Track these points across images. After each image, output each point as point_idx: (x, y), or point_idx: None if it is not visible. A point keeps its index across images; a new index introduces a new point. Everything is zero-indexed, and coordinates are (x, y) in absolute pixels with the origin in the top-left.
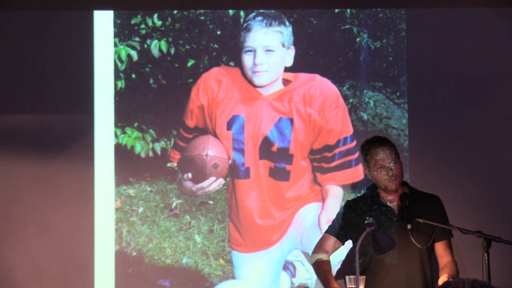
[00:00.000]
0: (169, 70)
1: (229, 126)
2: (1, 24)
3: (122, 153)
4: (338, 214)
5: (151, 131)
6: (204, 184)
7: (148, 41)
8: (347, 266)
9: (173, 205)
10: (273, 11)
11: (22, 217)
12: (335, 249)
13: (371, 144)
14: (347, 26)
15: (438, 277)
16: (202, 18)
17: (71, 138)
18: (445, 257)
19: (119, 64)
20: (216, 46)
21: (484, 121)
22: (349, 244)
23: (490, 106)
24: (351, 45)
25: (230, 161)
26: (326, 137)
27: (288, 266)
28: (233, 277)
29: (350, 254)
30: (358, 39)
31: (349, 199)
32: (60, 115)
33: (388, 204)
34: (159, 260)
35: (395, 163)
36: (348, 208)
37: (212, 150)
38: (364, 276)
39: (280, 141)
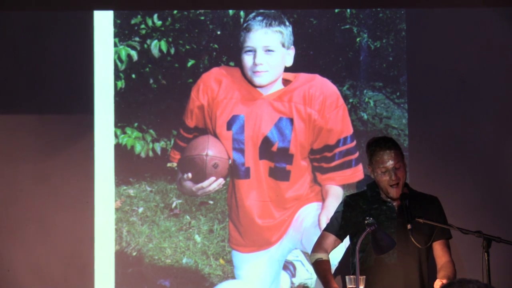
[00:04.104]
0: (169, 70)
1: (229, 126)
2: (1, 24)
3: (122, 153)
4: (337, 212)
5: (151, 131)
6: (204, 184)
7: (148, 41)
8: (345, 264)
9: (173, 205)
10: (273, 11)
11: (22, 217)
12: (334, 247)
13: (376, 145)
14: (347, 26)
15: (434, 278)
16: (202, 18)
17: (71, 138)
18: (443, 258)
19: (119, 64)
20: (216, 46)
21: (484, 121)
22: (346, 241)
23: (490, 106)
24: (351, 45)
25: (230, 161)
26: (326, 137)
27: (288, 266)
28: (233, 277)
29: (348, 252)
30: (358, 39)
31: (348, 194)
32: (60, 115)
33: (388, 203)
34: (159, 260)
35: (399, 167)
36: (348, 206)
37: (212, 150)
38: (364, 276)
39: (280, 141)
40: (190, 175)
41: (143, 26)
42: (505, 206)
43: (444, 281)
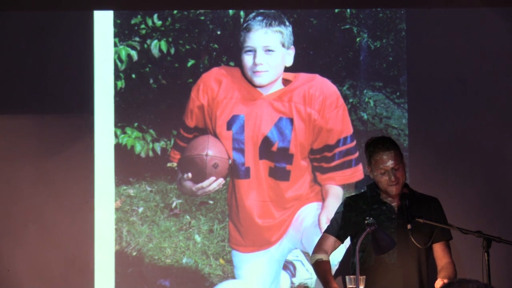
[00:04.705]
0: (169, 70)
1: (229, 126)
2: (1, 24)
3: (122, 153)
4: (337, 213)
5: (151, 131)
6: (204, 184)
7: (148, 41)
8: (345, 265)
9: (173, 205)
10: (273, 11)
11: (22, 217)
12: (334, 248)
13: (375, 146)
14: (347, 26)
15: (434, 279)
16: (202, 18)
17: (71, 138)
18: (444, 259)
19: (119, 64)
20: (216, 46)
21: (484, 121)
22: (347, 242)
23: (490, 106)
24: (351, 45)
25: (230, 161)
26: (326, 137)
27: (288, 266)
28: (233, 277)
29: (348, 253)
30: (358, 39)
31: (348, 195)
32: (60, 115)
33: (388, 203)
34: (159, 260)
35: (398, 168)
36: (348, 206)
37: (212, 150)
38: (364, 276)
39: (280, 141)
40: (190, 175)
41: (143, 26)
42: (505, 206)
43: (446, 281)
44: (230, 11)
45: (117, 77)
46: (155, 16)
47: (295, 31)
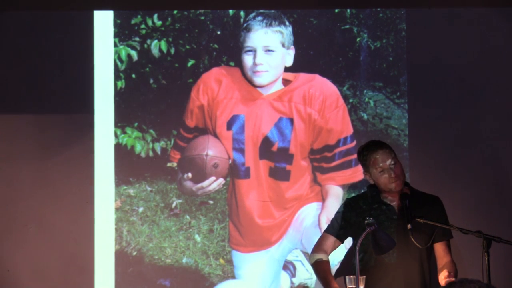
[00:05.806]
0: (169, 70)
1: (229, 126)
2: (1, 24)
3: (122, 153)
4: (337, 213)
5: (151, 131)
6: (204, 184)
7: (148, 41)
8: (346, 265)
9: (173, 205)
10: (273, 11)
11: (22, 217)
12: (334, 248)
13: (368, 148)
14: (347, 26)
15: (436, 278)
16: (202, 18)
17: (71, 138)
18: (444, 258)
19: (119, 64)
20: (216, 46)
21: (484, 121)
22: (348, 243)
23: (490, 106)
24: (351, 45)
25: (230, 161)
26: (326, 137)
27: (288, 266)
28: (233, 277)
29: (349, 253)
30: (358, 39)
31: (349, 197)
32: (60, 115)
33: (388, 203)
34: (159, 260)
35: (395, 164)
36: (348, 207)
37: (212, 150)
38: (364, 276)
39: (280, 141)
40: (190, 175)
41: (143, 26)
42: (505, 206)
43: (451, 274)
44: (230, 11)
45: (117, 77)
46: (155, 16)
47: (295, 31)
